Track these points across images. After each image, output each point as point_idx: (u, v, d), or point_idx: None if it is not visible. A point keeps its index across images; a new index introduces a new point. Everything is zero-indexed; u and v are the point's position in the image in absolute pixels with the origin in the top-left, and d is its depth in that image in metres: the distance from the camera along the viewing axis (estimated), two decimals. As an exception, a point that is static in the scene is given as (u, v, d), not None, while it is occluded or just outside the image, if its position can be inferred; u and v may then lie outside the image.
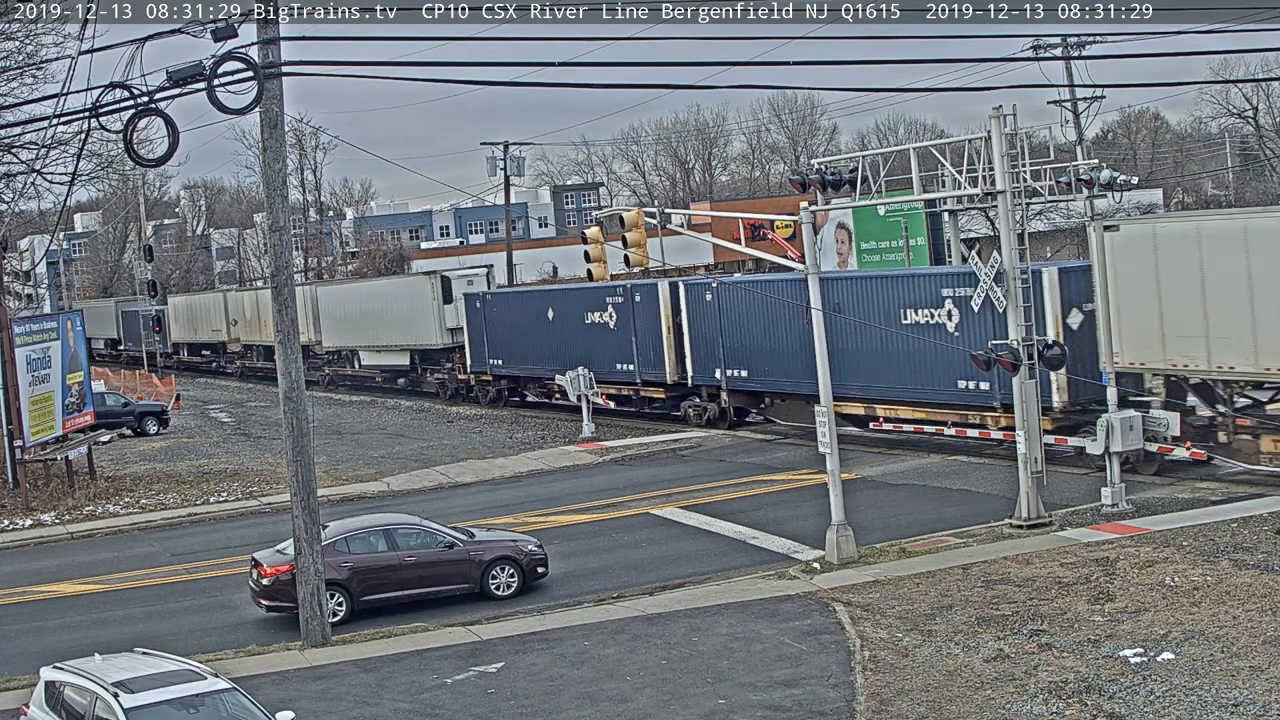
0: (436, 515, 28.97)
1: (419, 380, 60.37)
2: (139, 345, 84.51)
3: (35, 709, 17.51)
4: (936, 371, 35.04)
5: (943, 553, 26.18)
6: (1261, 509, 26.88)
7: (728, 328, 42.45)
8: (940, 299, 34.91)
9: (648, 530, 31.27)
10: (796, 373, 38.57)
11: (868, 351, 36.99)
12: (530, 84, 25.02)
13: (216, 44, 20.53)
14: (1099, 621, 20.80)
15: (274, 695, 19.86)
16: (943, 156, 30.41)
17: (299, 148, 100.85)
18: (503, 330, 52.59)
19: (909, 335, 35.27)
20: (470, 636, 23.06)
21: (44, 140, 36.83)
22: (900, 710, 17.98)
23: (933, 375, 35.27)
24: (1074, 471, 32.18)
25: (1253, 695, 17.21)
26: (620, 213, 29.51)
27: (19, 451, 39.39)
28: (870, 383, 37.09)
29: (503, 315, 52.81)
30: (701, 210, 76.55)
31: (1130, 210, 63.10)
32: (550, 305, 50.61)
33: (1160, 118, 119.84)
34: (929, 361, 35.11)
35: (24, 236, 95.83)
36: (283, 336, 23.35)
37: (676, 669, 20.40)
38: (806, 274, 26.73)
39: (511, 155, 74.41)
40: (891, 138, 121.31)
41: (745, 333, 41.95)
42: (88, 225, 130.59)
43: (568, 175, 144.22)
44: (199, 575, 30.11)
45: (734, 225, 61.51)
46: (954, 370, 34.17)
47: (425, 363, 59.53)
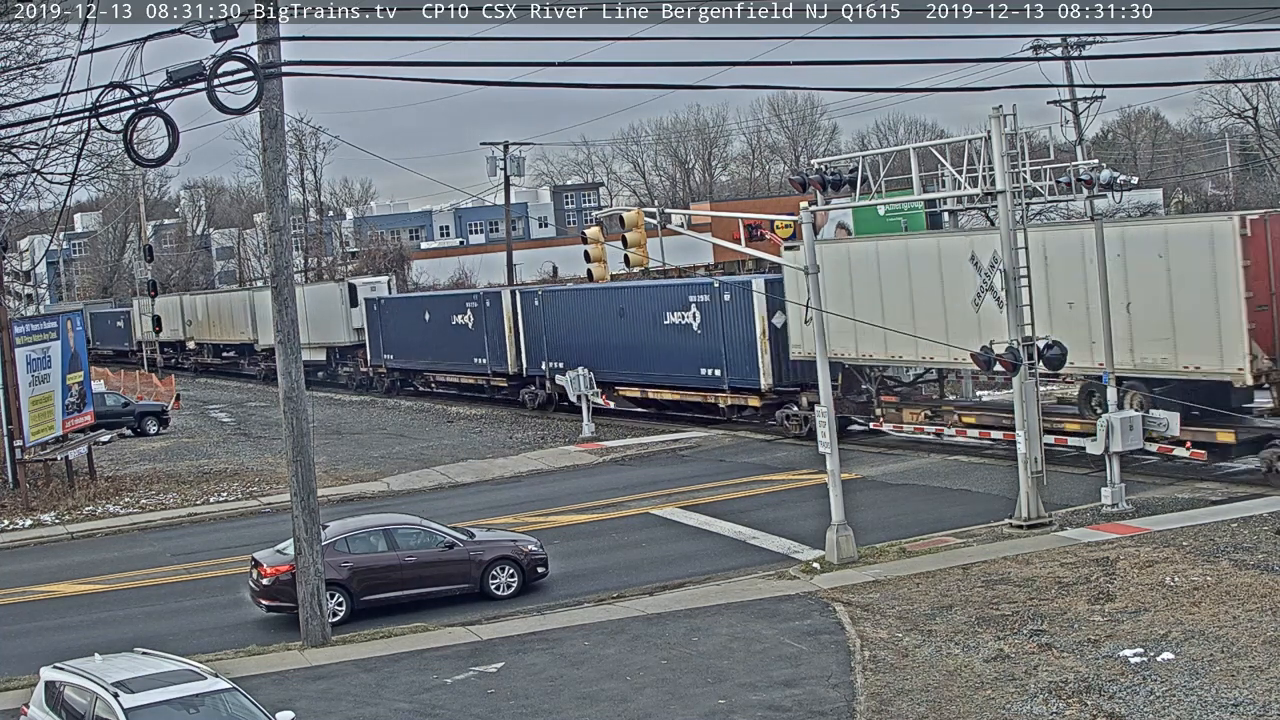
0: (436, 515, 28.97)
1: (334, 373, 67.39)
2: (106, 344, 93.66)
3: (35, 709, 17.50)
4: (685, 361, 43.95)
5: (943, 553, 26.17)
6: (1261, 509, 26.88)
7: (549, 328, 50.71)
8: (688, 304, 43.86)
9: (648, 530, 31.27)
10: (600, 364, 46.43)
11: (642, 345, 45.80)
12: (530, 84, 25.07)
13: (216, 44, 20.52)
14: (1099, 621, 20.80)
15: (274, 695, 19.86)
16: (943, 156, 30.39)
17: (299, 148, 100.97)
18: (392, 330, 60.84)
19: (667, 333, 44.58)
20: (470, 636, 23.06)
21: (44, 140, 36.85)
22: (900, 710, 17.98)
23: (683, 364, 44.11)
24: (1074, 471, 32.20)
25: (1253, 695, 17.21)
26: (620, 213, 29.49)
27: (19, 451, 39.39)
28: (645, 371, 46.12)
29: (392, 317, 61.01)
30: (701, 210, 76.56)
31: (1130, 210, 63.09)
32: (426, 309, 58.74)
33: (1160, 118, 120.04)
34: (681, 353, 44.05)
35: (24, 236, 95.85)
36: (283, 337, 23.35)
37: (676, 669, 20.40)
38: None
39: (511, 155, 74.45)
40: (891, 138, 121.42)
41: (562, 332, 50.07)
42: (88, 225, 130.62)
43: (568, 175, 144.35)
44: (199, 575, 30.10)
45: (734, 225, 61.58)
46: (698, 360, 43.44)
47: (338, 358, 66.98)
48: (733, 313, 41.99)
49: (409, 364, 60.25)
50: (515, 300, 52.63)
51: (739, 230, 61.24)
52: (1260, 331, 28.37)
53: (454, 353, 55.75)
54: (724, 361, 42.14)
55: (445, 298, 59.97)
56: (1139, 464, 31.45)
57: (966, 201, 31.58)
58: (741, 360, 41.77)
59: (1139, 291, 29.87)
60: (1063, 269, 31.33)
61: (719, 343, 42.51)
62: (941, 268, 34.31)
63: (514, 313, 52.28)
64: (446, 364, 57.08)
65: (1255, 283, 28.19)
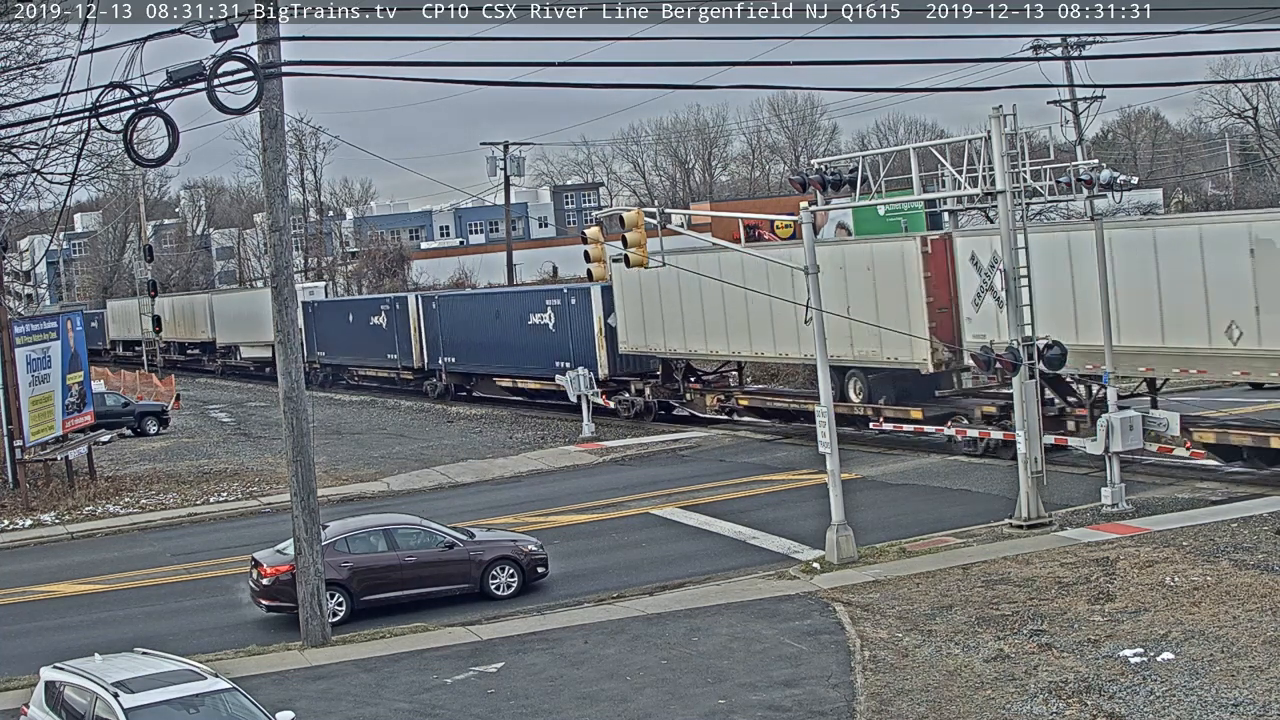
0: (436, 515, 28.97)
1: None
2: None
3: (35, 709, 17.51)
4: (544, 356, 50.07)
5: (943, 553, 26.18)
6: (1261, 509, 26.90)
7: (444, 329, 57.17)
8: (545, 306, 50.45)
9: (648, 530, 31.27)
10: (484, 359, 54.43)
11: (512, 343, 52.16)
12: (530, 84, 25.07)
13: (216, 44, 20.54)
14: (1099, 621, 20.81)
15: (274, 695, 19.86)
16: (943, 156, 30.39)
17: (299, 148, 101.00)
18: (325, 330, 68.22)
19: (531, 332, 50.97)
20: (470, 636, 23.07)
21: (44, 140, 36.83)
22: (900, 710, 17.98)
23: (542, 359, 50.15)
24: (1074, 471, 32.21)
25: (1253, 695, 17.21)
26: (620, 213, 29.42)
27: (19, 451, 39.38)
28: (516, 365, 52.68)
29: (324, 319, 68.55)
30: (701, 210, 76.35)
31: (1130, 210, 63.08)
32: (350, 311, 66.79)
33: (1160, 118, 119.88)
34: (541, 350, 50.28)
35: (24, 236, 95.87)
36: (283, 336, 23.36)
37: (676, 669, 20.40)
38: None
39: (511, 155, 74.52)
40: (891, 138, 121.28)
41: (454, 332, 56.66)
42: (88, 225, 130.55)
43: (568, 175, 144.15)
44: (199, 575, 30.10)
45: (734, 225, 61.51)
46: (554, 355, 49.51)
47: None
48: (578, 314, 48.27)
49: (337, 360, 67.44)
50: (419, 304, 59.50)
51: (739, 230, 61.29)
52: (940, 329, 34.95)
53: (372, 350, 63.29)
54: (571, 356, 48.21)
55: (363, 302, 68.50)
56: (1137, 463, 31.53)
57: (966, 201, 31.59)
58: (585, 355, 47.75)
59: (855, 298, 35.76)
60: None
61: (568, 340, 49.04)
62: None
63: (418, 315, 59.06)
64: (367, 360, 64.41)
65: (935, 290, 34.86)
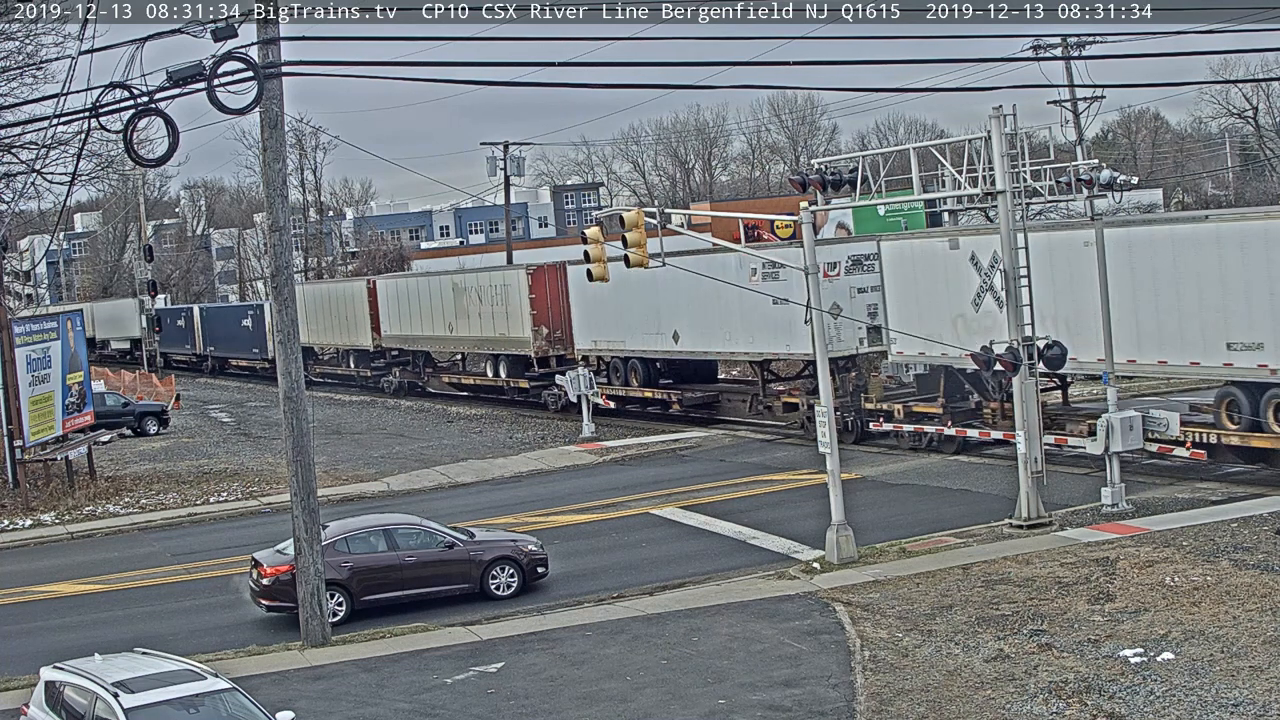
0: (436, 515, 28.97)
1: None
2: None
3: (35, 709, 17.51)
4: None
5: (943, 553, 26.17)
6: (1261, 509, 26.89)
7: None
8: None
9: (648, 530, 31.27)
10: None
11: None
12: (530, 84, 25.03)
13: (216, 44, 20.53)
14: (1099, 621, 20.81)
15: (274, 695, 19.86)
16: (943, 156, 30.36)
17: (299, 148, 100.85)
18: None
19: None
20: (470, 636, 23.07)
21: (44, 140, 36.88)
22: (900, 710, 17.98)
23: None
24: (1074, 471, 32.22)
25: (1253, 695, 17.21)
26: (620, 213, 29.42)
27: (19, 451, 39.37)
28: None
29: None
30: (701, 210, 76.34)
31: (1130, 210, 63.08)
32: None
33: (1160, 118, 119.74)
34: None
35: (24, 236, 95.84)
36: (283, 336, 23.37)
37: (676, 669, 20.40)
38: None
39: (511, 155, 74.41)
40: (891, 138, 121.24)
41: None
42: (88, 225, 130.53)
43: (568, 175, 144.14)
44: (199, 575, 30.10)
45: (734, 225, 61.52)
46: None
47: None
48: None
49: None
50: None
51: (739, 230, 61.29)
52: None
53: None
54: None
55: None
56: (1137, 464, 31.54)
57: (966, 201, 31.56)
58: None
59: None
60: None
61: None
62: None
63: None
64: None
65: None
